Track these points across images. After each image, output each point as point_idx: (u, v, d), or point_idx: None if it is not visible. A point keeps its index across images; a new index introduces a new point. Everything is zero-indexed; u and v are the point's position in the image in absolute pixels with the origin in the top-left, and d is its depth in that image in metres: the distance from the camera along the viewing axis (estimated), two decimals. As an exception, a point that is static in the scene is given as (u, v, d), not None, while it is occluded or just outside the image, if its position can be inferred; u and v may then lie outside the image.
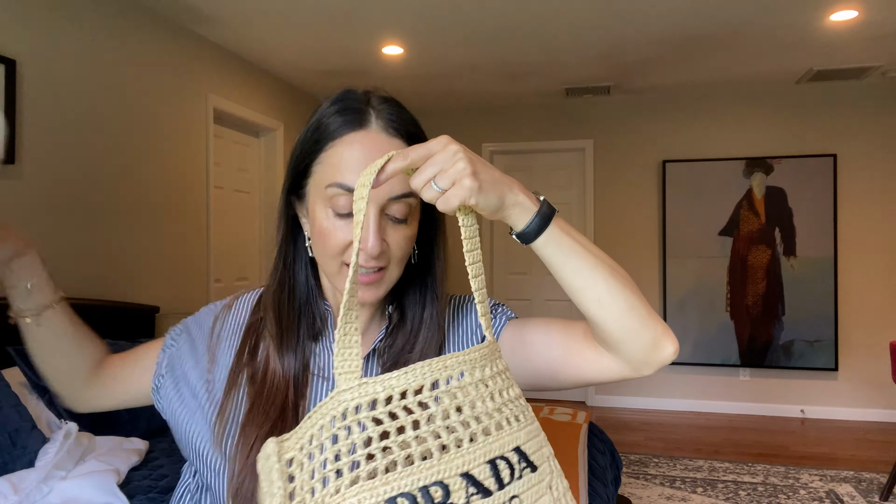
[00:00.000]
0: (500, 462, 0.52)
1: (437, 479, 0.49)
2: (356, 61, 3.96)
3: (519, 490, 0.53)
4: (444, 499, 0.49)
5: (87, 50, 2.70)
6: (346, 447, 0.50)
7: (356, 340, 0.54)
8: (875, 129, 4.53)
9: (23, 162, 2.39)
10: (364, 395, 0.51)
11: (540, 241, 0.65)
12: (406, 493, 0.48)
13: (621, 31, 3.43)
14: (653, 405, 4.89)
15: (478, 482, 0.50)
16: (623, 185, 4.96)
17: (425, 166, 0.58)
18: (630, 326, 0.67)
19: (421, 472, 0.49)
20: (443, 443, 0.51)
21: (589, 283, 0.66)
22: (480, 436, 0.53)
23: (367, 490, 0.48)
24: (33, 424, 1.82)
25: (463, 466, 0.50)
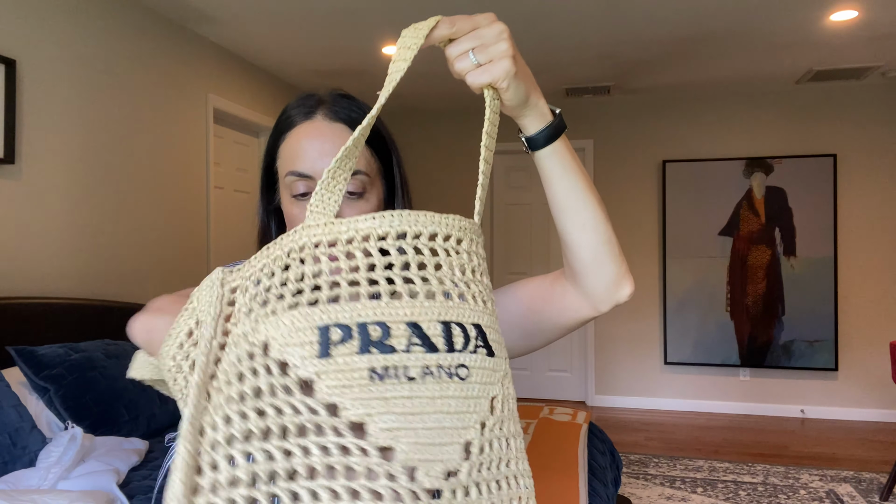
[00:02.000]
0: (455, 327, 0.50)
1: (379, 319, 0.47)
2: (356, 61, 3.96)
3: (469, 362, 0.49)
4: (381, 338, 0.46)
5: (87, 50, 2.70)
6: (294, 276, 0.49)
7: (341, 188, 0.54)
8: (875, 129, 4.53)
9: (23, 162, 2.39)
10: (327, 234, 0.50)
11: (546, 151, 0.66)
12: (342, 324, 0.46)
13: (621, 31, 3.43)
14: (653, 405, 4.89)
15: (424, 335, 0.48)
16: (623, 185, 4.96)
17: (467, 37, 0.57)
18: (603, 257, 0.70)
19: (364, 308, 0.47)
20: (395, 289, 0.49)
21: (579, 206, 0.68)
22: (439, 296, 0.50)
23: (303, 314, 0.47)
24: (33, 424, 1.82)
25: (411, 316, 0.48)
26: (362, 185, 0.76)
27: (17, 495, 1.40)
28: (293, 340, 0.46)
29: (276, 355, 0.46)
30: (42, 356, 1.99)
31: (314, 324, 0.46)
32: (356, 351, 0.45)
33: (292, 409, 0.44)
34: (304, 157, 0.75)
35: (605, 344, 4.99)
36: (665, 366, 4.87)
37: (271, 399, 0.45)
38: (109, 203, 2.83)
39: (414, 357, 0.46)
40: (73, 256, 2.63)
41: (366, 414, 0.44)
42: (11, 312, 2.21)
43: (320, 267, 0.49)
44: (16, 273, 2.37)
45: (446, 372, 0.47)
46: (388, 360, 0.46)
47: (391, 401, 0.45)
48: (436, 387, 0.47)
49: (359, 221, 0.50)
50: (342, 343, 0.46)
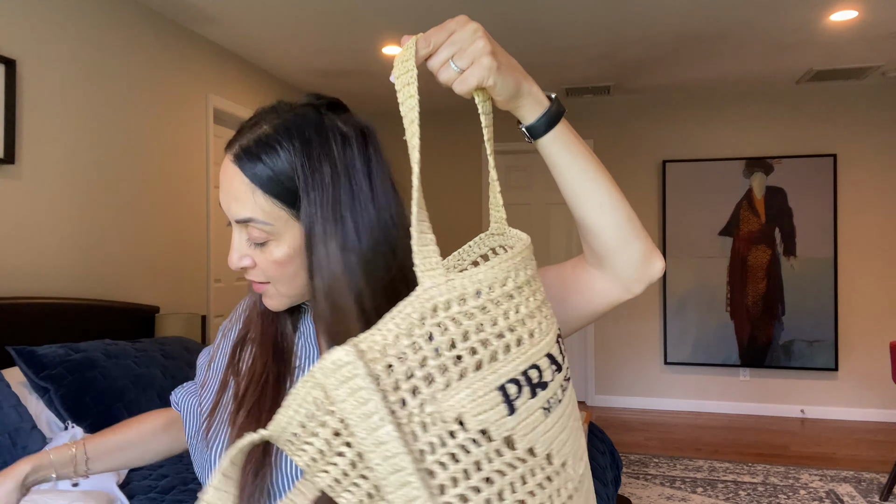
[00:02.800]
0: (555, 347, 0.58)
1: (532, 362, 0.53)
2: (356, 61, 3.96)
3: (565, 370, 0.59)
4: (539, 378, 0.53)
5: (87, 50, 2.70)
6: (445, 344, 0.50)
7: (431, 238, 0.54)
8: (875, 129, 4.53)
9: (23, 162, 2.39)
10: (453, 291, 0.51)
11: (548, 138, 0.64)
12: (512, 378, 0.51)
13: (621, 31, 3.43)
14: (653, 405, 4.89)
15: (554, 359, 0.55)
16: (623, 185, 4.96)
17: (444, 46, 0.57)
18: (627, 236, 0.68)
19: (519, 357, 0.52)
20: (530, 329, 0.54)
21: (593, 187, 0.67)
22: (545, 322, 0.57)
23: (479, 380, 0.50)
24: (33, 424, 1.82)
25: (546, 348, 0.55)
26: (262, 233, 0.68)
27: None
28: (483, 408, 0.50)
29: (476, 425, 0.50)
30: (42, 356, 1.99)
31: (493, 386, 0.50)
32: (530, 397, 0.52)
33: (510, 467, 0.51)
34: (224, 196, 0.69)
35: (605, 344, 4.99)
36: (665, 366, 4.87)
37: (491, 466, 0.50)
38: (109, 203, 2.83)
39: (556, 381, 0.55)
40: (73, 256, 2.62)
41: (549, 444, 0.53)
42: (11, 312, 2.21)
43: (465, 328, 0.51)
44: (16, 273, 2.37)
45: (565, 379, 0.57)
46: (548, 393, 0.54)
47: (557, 424, 0.54)
48: (568, 397, 0.57)
49: (477, 274, 0.52)
50: (519, 395, 0.51)
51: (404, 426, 0.49)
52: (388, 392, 0.50)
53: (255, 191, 0.67)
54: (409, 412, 0.50)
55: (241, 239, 0.70)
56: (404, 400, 0.50)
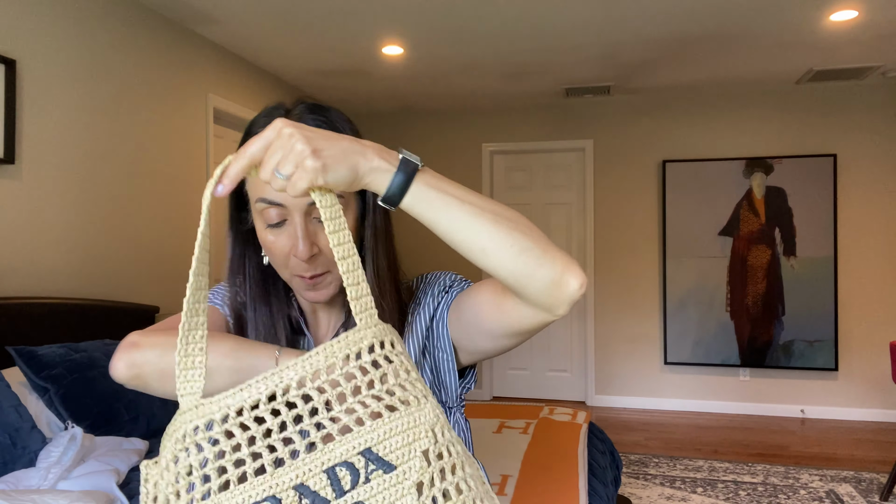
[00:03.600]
0: (341, 469, 0.51)
1: (269, 493, 0.49)
2: (356, 61, 3.96)
3: (365, 495, 0.51)
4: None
5: (87, 50, 2.70)
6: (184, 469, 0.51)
7: (200, 361, 0.55)
8: (875, 129, 4.53)
9: (23, 162, 2.39)
10: (201, 417, 0.52)
11: (406, 202, 0.61)
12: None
13: (621, 31, 3.43)
14: (653, 405, 4.89)
15: (313, 493, 0.50)
16: (623, 185, 4.96)
17: (266, 157, 0.56)
18: (524, 271, 0.63)
19: (253, 487, 0.49)
20: (278, 456, 0.51)
21: (469, 235, 0.63)
22: (319, 443, 0.52)
23: None
24: (33, 424, 1.82)
25: (296, 478, 0.50)
26: None
27: (17, 495, 1.40)
28: None
29: None
30: (42, 356, 1.99)
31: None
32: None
33: None
34: None
35: (605, 344, 4.99)
36: (665, 366, 4.87)
37: None
38: (109, 203, 2.83)
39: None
40: (73, 256, 2.63)
41: None
42: (11, 312, 2.21)
43: (204, 455, 0.51)
44: (16, 273, 2.37)
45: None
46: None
47: None
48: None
49: (227, 398, 0.51)
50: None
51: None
52: None
53: None
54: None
55: (305, 227, 0.73)
56: None
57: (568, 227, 5.11)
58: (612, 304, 4.98)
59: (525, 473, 1.84)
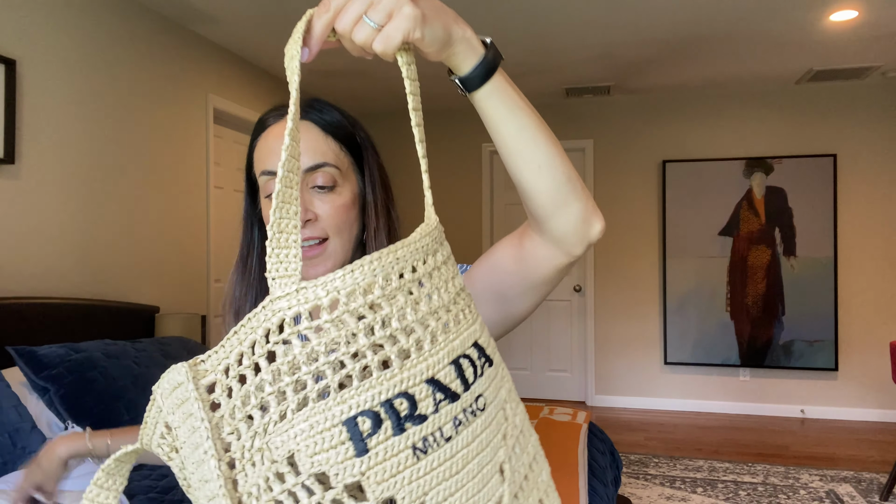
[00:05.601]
0: (464, 360, 0.47)
1: (401, 389, 0.43)
2: (356, 61, 3.96)
3: (482, 388, 0.47)
4: (410, 410, 0.42)
5: (87, 50, 2.70)
6: (287, 366, 0.42)
7: (294, 239, 0.46)
8: (875, 129, 4.53)
9: (23, 162, 2.39)
10: (304, 302, 0.43)
11: (485, 91, 0.58)
12: (367, 410, 0.41)
13: (621, 31, 3.43)
14: (653, 405, 4.89)
15: (444, 387, 0.45)
16: (623, 185, 4.96)
17: (350, 3, 0.48)
18: (566, 198, 0.63)
19: (381, 384, 0.42)
20: (402, 347, 0.44)
21: (530, 146, 0.61)
22: (440, 334, 0.46)
23: (320, 412, 0.41)
24: (33, 424, 1.82)
25: (427, 371, 0.44)
26: (332, 178, 0.76)
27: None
28: (323, 446, 0.41)
29: (310, 468, 0.40)
30: (42, 356, 1.99)
31: (338, 420, 0.41)
32: (392, 434, 0.42)
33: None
34: (272, 153, 0.76)
35: (605, 344, 4.99)
36: (665, 366, 4.87)
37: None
38: (109, 203, 2.83)
39: (444, 414, 0.44)
40: (73, 256, 2.62)
41: (422, 494, 0.42)
42: (11, 312, 2.21)
43: (313, 347, 0.42)
44: (16, 273, 2.37)
45: (471, 412, 0.46)
46: (425, 429, 0.43)
47: (438, 470, 0.43)
48: (468, 433, 0.45)
49: (334, 280, 0.43)
50: (375, 432, 0.41)
51: (238, 462, 0.42)
52: (224, 420, 0.43)
53: (327, 137, 0.78)
54: (243, 446, 0.42)
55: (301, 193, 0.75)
56: (239, 432, 0.42)
57: (568, 227, 5.10)
58: (612, 303, 4.98)
59: (525, 473, 1.83)
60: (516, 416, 0.51)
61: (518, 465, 0.49)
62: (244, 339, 0.43)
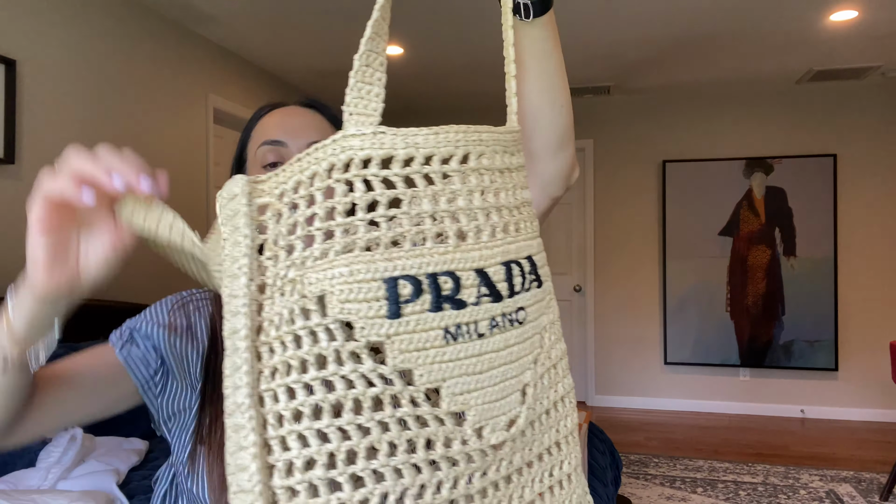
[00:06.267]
0: (515, 267, 0.45)
1: (449, 268, 0.41)
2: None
3: (526, 302, 0.46)
4: (453, 292, 0.41)
5: (87, 50, 2.70)
6: (342, 206, 0.40)
7: (379, 78, 0.43)
8: (875, 129, 4.53)
9: (23, 162, 2.39)
10: (378, 148, 0.40)
11: (545, 18, 0.62)
12: (411, 275, 0.40)
13: (621, 31, 3.43)
14: (653, 405, 4.89)
15: (491, 283, 0.43)
16: (623, 185, 4.96)
17: None
18: (568, 140, 0.70)
19: (432, 255, 0.40)
20: (462, 228, 0.42)
21: (561, 84, 0.67)
22: (500, 232, 0.45)
23: (364, 262, 0.39)
24: (33, 424, 1.82)
25: (479, 261, 0.42)
26: None
27: (18, 495, 1.40)
28: (357, 296, 0.39)
29: (338, 314, 0.39)
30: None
31: (380, 275, 0.39)
32: (428, 308, 0.40)
33: (365, 382, 0.39)
34: (277, 127, 0.77)
35: (605, 344, 4.99)
36: (665, 366, 4.87)
37: (338, 368, 0.39)
38: (109, 203, 2.83)
39: (483, 310, 0.42)
40: (73, 256, 2.62)
41: (441, 379, 0.40)
42: (11, 312, 2.20)
43: (374, 196, 0.40)
44: (16, 273, 2.37)
45: (509, 319, 0.44)
46: (461, 316, 0.41)
47: (463, 362, 0.41)
48: (501, 339, 0.43)
49: (416, 136, 0.41)
50: (413, 300, 0.39)
51: (269, 287, 0.41)
52: (267, 243, 0.42)
53: (332, 127, 0.80)
54: (276, 273, 0.41)
55: None
56: (278, 258, 0.41)
57: (568, 227, 5.11)
58: (612, 304, 4.98)
59: (525, 473, 1.83)
60: (553, 349, 0.50)
61: (542, 395, 0.47)
62: (306, 167, 0.42)
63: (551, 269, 5.13)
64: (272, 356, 0.40)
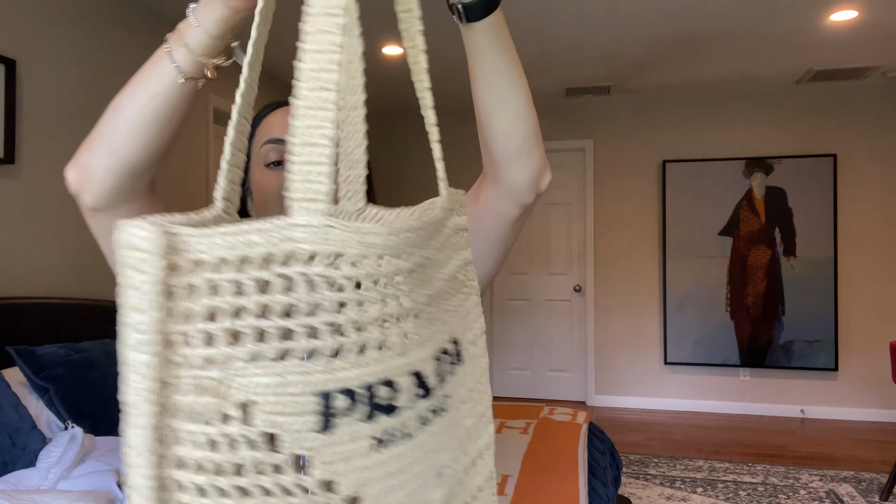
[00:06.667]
0: (444, 356, 0.43)
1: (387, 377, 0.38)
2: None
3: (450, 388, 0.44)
4: (387, 400, 0.38)
5: (87, 50, 2.70)
6: (280, 306, 0.35)
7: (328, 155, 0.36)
8: (875, 129, 4.53)
9: (23, 162, 2.39)
10: (328, 244, 0.35)
11: (486, 23, 0.57)
12: (348, 389, 0.37)
13: (621, 31, 3.43)
14: (653, 405, 4.89)
15: (423, 380, 0.40)
16: (623, 185, 4.96)
17: None
18: (530, 147, 0.65)
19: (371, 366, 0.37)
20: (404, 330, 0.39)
21: (513, 90, 0.61)
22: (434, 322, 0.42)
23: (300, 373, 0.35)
24: (33, 424, 1.82)
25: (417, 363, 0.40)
26: None
27: (17, 495, 1.40)
28: (286, 409, 0.36)
29: (263, 426, 0.36)
30: (42, 356, 1.99)
31: (315, 388, 0.36)
32: (360, 419, 0.37)
33: (283, 492, 0.36)
34: (280, 126, 0.77)
35: (605, 344, 4.99)
36: (665, 366, 4.87)
37: (257, 478, 0.36)
38: (109, 203, 2.83)
39: (415, 410, 0.40)
40: (73, 256, 2.63)
41: (362, 486, 0.38)
42: (11, 312, 2.21)
43: (318, 299, 0.36)
44: (16, 273, 2.37)
45: (434, 411, 0.41)
46: (392, 422, 0.39)
47: (389, 466, 0.39)
48: (428, 432, 0.41)
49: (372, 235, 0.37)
50: (347, 412, 0.37)
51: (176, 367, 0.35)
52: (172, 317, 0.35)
53: None
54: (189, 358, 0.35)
55: None
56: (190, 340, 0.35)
57: (568, 227, 5.11)
58: (612, 303, 4.98)
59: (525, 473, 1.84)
60: (469, 417, 0.48)
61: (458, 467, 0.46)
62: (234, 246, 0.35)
63: (551, 269, 5.16)
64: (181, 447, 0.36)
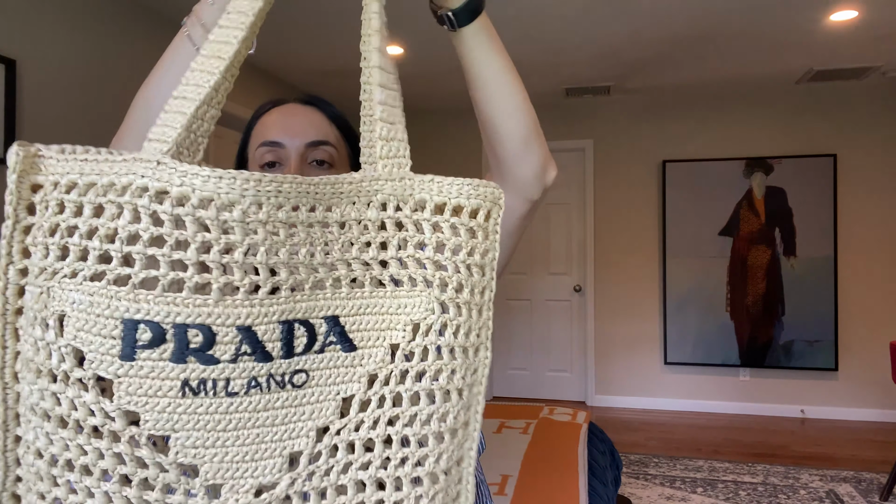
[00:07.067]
0: (300, 327, 0.42)
1: (204, 321, 0.38)
2: (356, 61, 3.96)
3: (310, 366, 0.42)
4: (202, 346, 0.38)
5: (87, 50, 2.70)
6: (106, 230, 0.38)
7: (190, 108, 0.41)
8: (875, 129, 4.53)
9: (23, 162, 2.39)
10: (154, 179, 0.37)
11: (474, 27, 0.59)
12: (153, 321, 0.37)
13: (621, 31, 3.43)
14: (653, 405, 4.89)
15: (257, 341, 0.40)
16: (623, 185, 4.96)
17: None
18: (532, 143, 0.66)
19: (186, 305, 0.38)
20: (230, 281, 0.39)
21: (508, 89, 0.63)
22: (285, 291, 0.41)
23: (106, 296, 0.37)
24: (33, 424, 1.82)
25: (246, 318, 0.39)
26: (330, 156, 0.78)
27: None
28: (91, 328, 0.37)
29: (71, 340, 0.38)
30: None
31: (118, 314, 0.37)
32: (168, 358, 0.38)
33: (86, 410, 0.38)
34: (275, 127, 0.78)
35: (605, 344, 4.99)
36: (665, 366, 4.87)
37: (65, 389, 0.38)
38: (109, 203, 2.83)
39: (240, 368, 0.40)
40: (73, 256, 2.62)
41: (170, 429, 0.39)
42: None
43: (139, 229, 0.38)
44: (16, 273, 2.37)
45: (277, 381, 0.41)
46: (207, 372, 0.39)
47: (202, 417, 0.39)
48: (260, 400, 0.41)
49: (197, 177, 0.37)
50: (152, 346, 0.38)
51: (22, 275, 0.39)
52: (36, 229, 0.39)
53: (331, 124, 0.80)
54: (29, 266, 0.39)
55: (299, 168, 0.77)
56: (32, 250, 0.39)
57: (568, 227, 5.11)
58: (612, 303, 4.98)
59: (525, 473, 1.84)
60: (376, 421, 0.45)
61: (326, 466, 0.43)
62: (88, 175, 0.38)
63: (551, 269, 5.16)
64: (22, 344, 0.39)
